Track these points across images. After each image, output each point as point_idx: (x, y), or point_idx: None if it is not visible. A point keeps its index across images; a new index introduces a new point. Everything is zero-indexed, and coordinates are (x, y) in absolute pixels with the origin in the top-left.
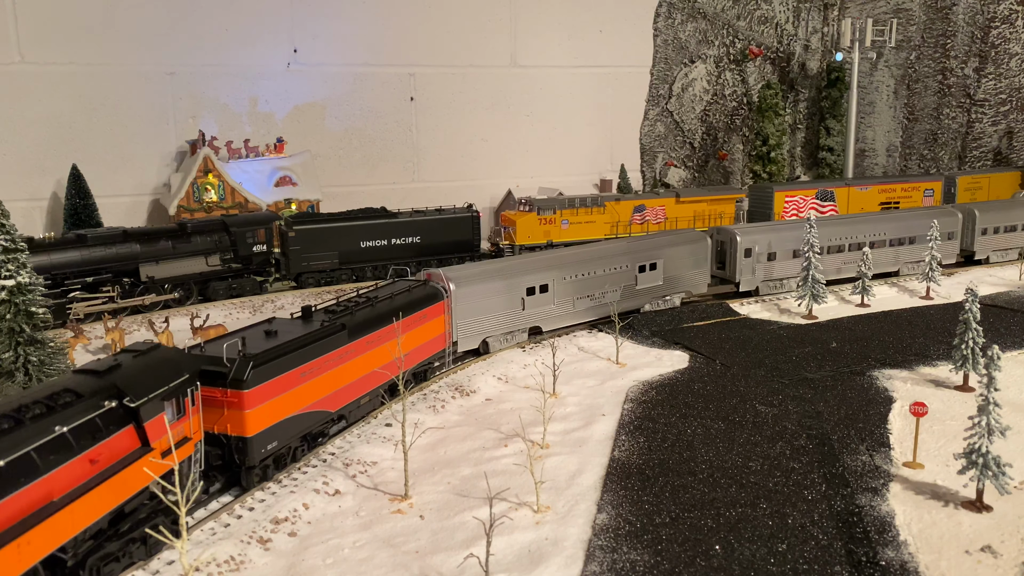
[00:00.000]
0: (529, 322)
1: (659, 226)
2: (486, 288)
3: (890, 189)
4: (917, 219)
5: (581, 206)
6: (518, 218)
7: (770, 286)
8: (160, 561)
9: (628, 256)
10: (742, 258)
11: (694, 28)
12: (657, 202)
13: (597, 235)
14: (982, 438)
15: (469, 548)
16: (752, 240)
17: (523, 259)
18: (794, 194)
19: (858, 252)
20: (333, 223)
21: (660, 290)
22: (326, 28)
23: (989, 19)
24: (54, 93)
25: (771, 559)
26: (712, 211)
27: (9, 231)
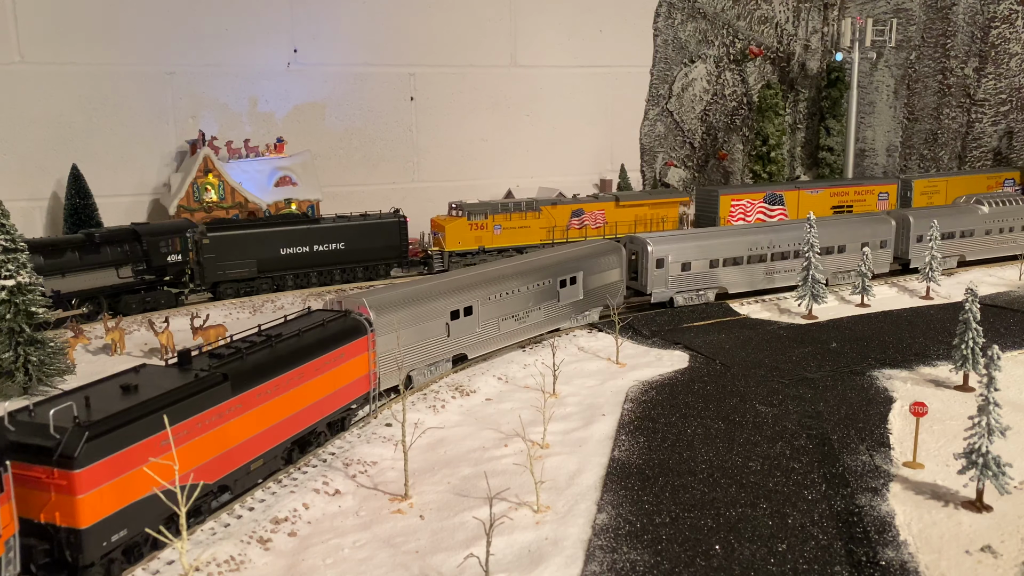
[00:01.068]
0: (454, 349)
1: (598, 231)
2: (410, 314)
3: (842, 192)
4: (847, 226)
5: (515, 211)
6: (447, 224)
7: (686, 297)
8: (160, 561)
9: (549, 270)
10: (654, 268)
11: (694, 28)
12: (596, 206)
13: (532, 241)
14: (982, 438)
15: (469, 548)
16: (664, 250)
17: (445, 279)
18: (740, 198)
19: (792, 261)
20: (250, 229)
21: (580, 306)
22: (326, 28)
23: (989, 19)
24: (54, 93)
25: (771, 559)
26: (654, 215)
27: (9, 231)
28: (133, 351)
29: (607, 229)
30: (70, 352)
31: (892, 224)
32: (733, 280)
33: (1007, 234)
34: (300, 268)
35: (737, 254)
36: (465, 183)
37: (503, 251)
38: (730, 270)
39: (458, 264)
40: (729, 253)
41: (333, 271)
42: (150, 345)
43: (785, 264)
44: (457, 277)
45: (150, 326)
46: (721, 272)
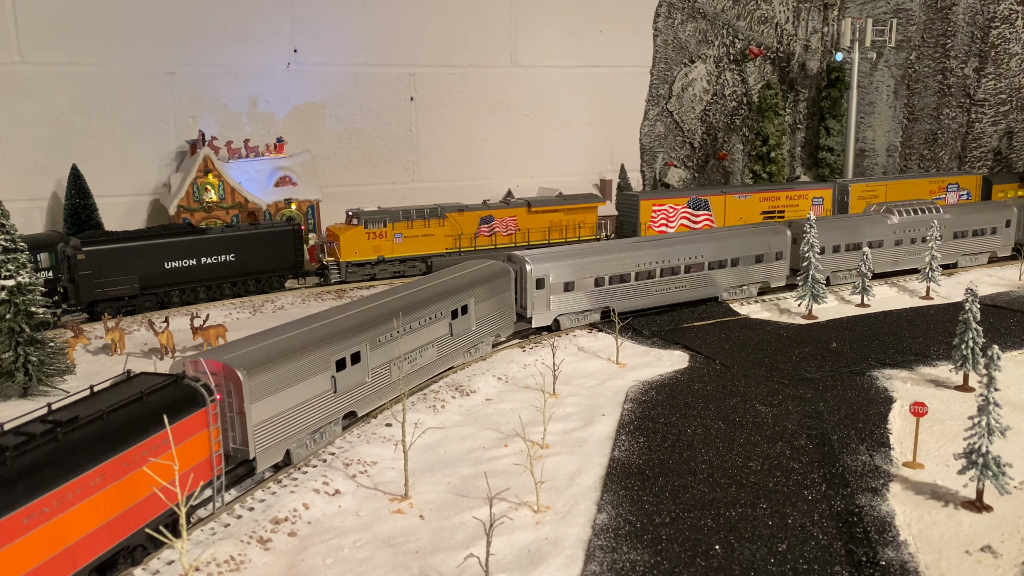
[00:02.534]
0: (343, 407)
1: (509, 238)
2: (290, 371)
3: (773, 197)
4: (740, 238)
5: (417, 218)
6: (342, 232)
7: (572, 320)
8: (160, 561)
9: (441, 300)
10: (534, 290)
11: (694, 28)
12: (507, 212)
13: (437, 249)
14: (982, 438)
15: (469, 548)
16: (545, 269)
17: (321, 321)
18: (663, 203)
19: (683, 276)
20: (130, 242)
21: (472, 337)
22: (326, 28)
23: (989, 19)
24: (54, 93)
25: (771, 559)
26: (570, 221)
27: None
28: (133, 351)
29: (519, 236)
30: (70, 352)
31: (788, 235)
32: (620, 299)
33: (919, 245)
34: (187, 283)
35: (624, 271)
36: (465, 183)
37: (405, 260)
38: (617, 288)
39: (355, 275)
40: (616, 270)
41: (223, 285)
42: (150, 345)
43: (676, 280)
44: (337, 317)
45: (150, 326)
46: (607, 291)
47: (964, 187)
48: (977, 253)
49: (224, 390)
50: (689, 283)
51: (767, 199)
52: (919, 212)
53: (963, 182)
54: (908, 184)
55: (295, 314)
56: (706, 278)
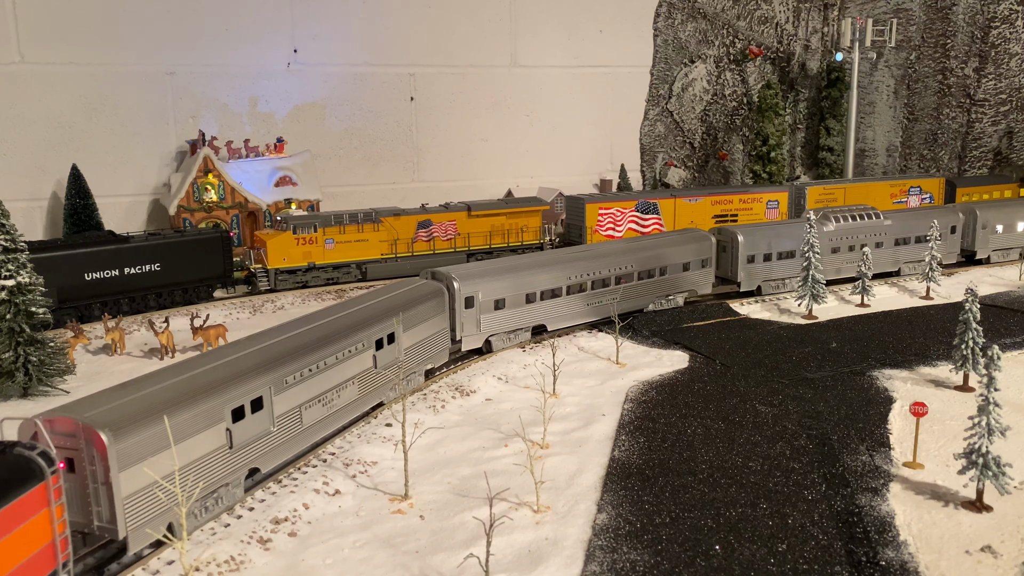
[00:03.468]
0: (243, 465)
1: (448, 243)
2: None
3: (725, 200)
4: (667, 247)
5: (350, 222)
6: (269, 238)
7: (503, 340)
8: (160, 561)
9: (363, 329)
10: (463, 309)
11: (694, 28)
12: (446, 216)
13: (371, 255)
14: (982, 438)
15: (469, 548)
16: (474, 287)
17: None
18: (609, 206)
19: (613, 289)
20: (45, 252)
21: (401, 369)
22: (326, 28)
23: (989, 19)
24: (54, 93)
25: (771, 559)
26: (512, 226)
27: (9, 231)
28: (133, 351)
29: (459, 241)
30: (70, 352)
31: (713, 242)
32: (552, 314)
33: (858, 252)
34: (109, 295)
35: (556, 285)
36: (465, 183)
37: (339, 267)
38: (548, 304)
39: (286, 282)
40: (547, 284)
41: (148, 296)
42: (150, 345)
43: (607, 292)
44: (233, 356)
45: (150, 326)
46: (539, 307)
47: (927, 190)
48: (920, 260)
49: (85, 456)
50: (620, 295)
51: (719, 202)
52: (858, 218)
53: (925, 185)
54: (868, 187)
55: (295, 314)
56: (636, 289)
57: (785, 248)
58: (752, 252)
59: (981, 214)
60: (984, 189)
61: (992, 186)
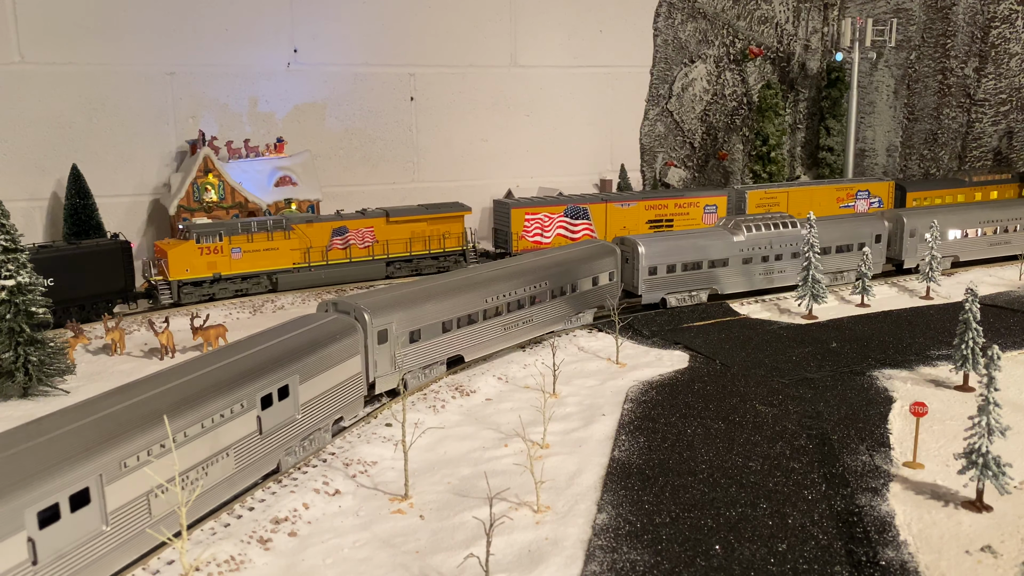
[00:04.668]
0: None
1: (366, 251)
2: None
3: (660, 205)
4: (577, 262)
5: (258, 230)
6: (170, 248)
7: (418, 376)
8: (160, 561)
9: (244, 384)
10: (375, 345)
11: (694, 28)
12: (363, 223)
13: (283, 264)
14: (982, 438)
15: (469, 548)
16: (386, 318)
17: (28, 441)
18: (537, 211)
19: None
20: None
21: (296, 429)
22: (326, 28)
23: (989, 19)
24: (54, 93)
25: (771, 559)
26: (434, 232)
27: (9, 231)
28: (133, 351)
29: (377, 249)
30: (70, 352)
31: (618, 253)
32: (469, 343)
33: (772, 263)
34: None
35: (473, 309)
36: (465, 183)
37: (247, 278)
38: (466, 332)
39: (191, 295)
40: (465, 309)
41: None
42: (150, 345)
43: (522, 315)
44: (50, 435)
45: (150, 326)
46: (456, 336)
47: (876, 194)
48: (841, 271)
49: None
50: (535, 317)
51: (653, 207)
52: (772, 227)
53: (874, 189)
54: (813, 191)
55: (294, 314)
56: (550, 309)
57: (690, 259)
58: (654, 263)
59: (908, 222)
60: (937, 193)
61: (945, 190)
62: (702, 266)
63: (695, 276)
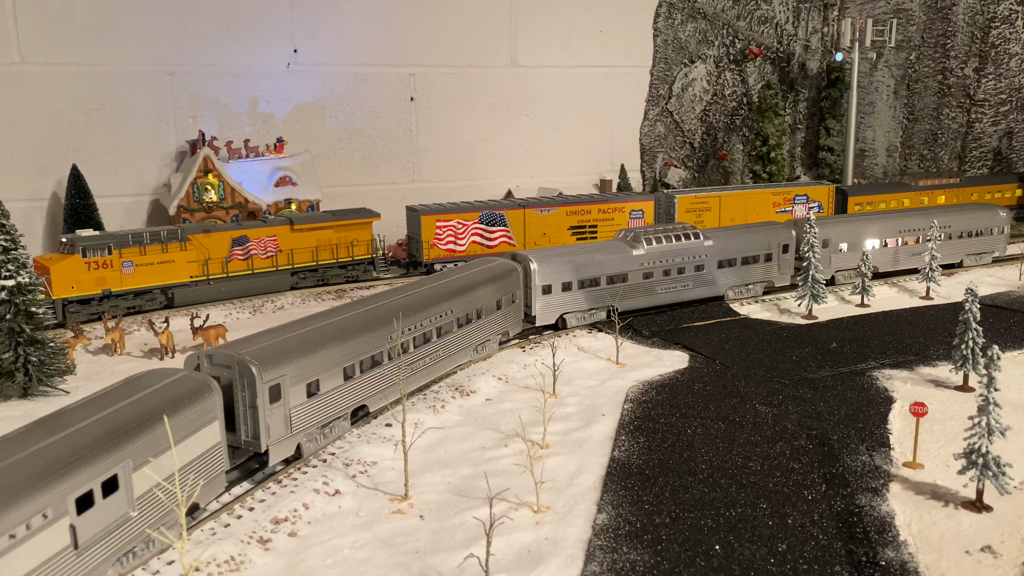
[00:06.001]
0: None
1: (269, 261)
2: None
3: (583, 211)
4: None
5: (152, 242)
6: (53, 263)
7: (316, 440)
8: (160, 561)
9: (49, 485)
10: (266, 404)
11: (694, 28)
12: (266, 231)
13: (180, 278)
14: (982, 438)
15: (469, 548)
16: (278, 369)
17: None
18: (449, 218)
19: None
20: None
21: (128, 533)
22: (326, 28)
23: (989, 19)
24: (54, 93)
25: (771, 559)
26: (341, 239)
27: (9, 231)
28: (133, 351)
29: (281, 259)
30: (70, 352)
31: (520, 273)
32: (373, 389)
33: (674, 277)
34: None
35: (377, 349)
36: (465, 183)
37: (141, 293)
38: (372, 376)
39: (78, 314)
40: (367, 350)
41: None
42: (150, 345)
43: (429, 349)
44: None
45: (150, 326)
46: (359, 384)
47: (815, 199)
48: (747, 284)
49: None
50: (443, 351)
51: (575, 212)
52: (673, 239)
53: (813, 193)
54: (747, 196)
55: (295, 314)
56: (456, 341)
57: (587, 275)
58: (548, 281)
59: (821, 231)
60: (881, 198)
61: (889, 195)
62: (600, 282)
63: (593, 294)
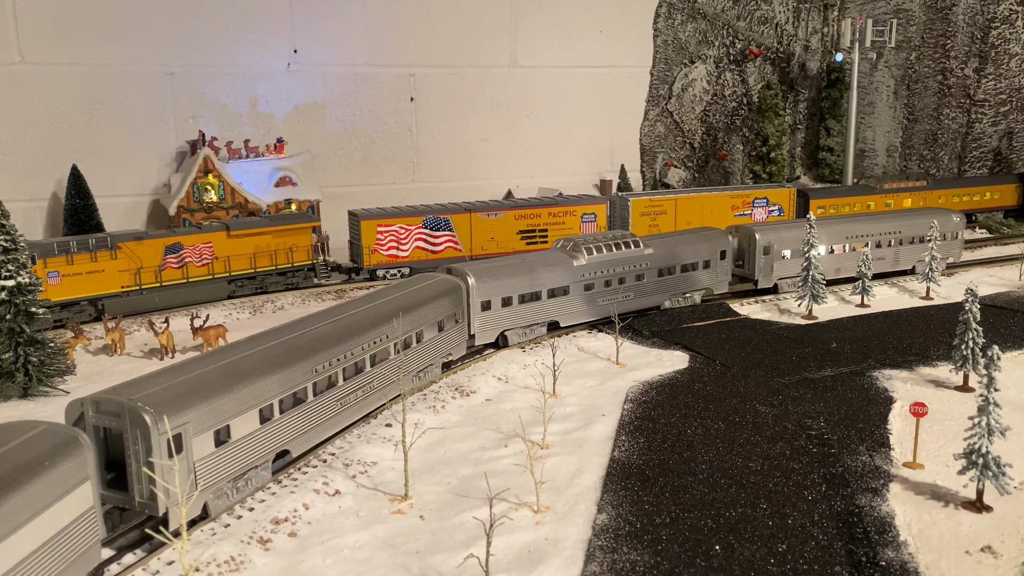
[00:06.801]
0: None
1: (205, 269)
2: None
3: (532, 215)
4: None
5: (80, 250)
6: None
7: (230, 495)
8: (160, 561)
9: None
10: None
11: (694, 28)
12: (200, 238)
13: (110, 288)
14: (982, 438)
15: (469, 548)
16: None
17: None
18: (391, 223)
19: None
20: None
21: None
22: (326, 28)
23: (989, 19)
24: (54, 93)
25: (771, 559)
26: (280, 245)
27: (9, 231)
28: (133, 351)
29: (217, 266)
30: (70, 352)
31: (462, 291)
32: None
33: (615, 288)
34: None
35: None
36: (465, 183)
37: (68, 305)
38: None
39: None
40: (290, 386)
41: None
42: (150, 345)
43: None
44: None
45: (150, 326)
46: (279, 425)
47: (775, 202)
48: (686, 292)
49: None
50: (376, 381)
51: (524, 216)
52: (614, 248)
53: (774, 196)
54: (704, 199)
55: (295, 314)
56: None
57: (528, 289)
58: (487, 297)
59: (761, 238)
60: (844, 201)
61: (853, 198)
62: (541, 296)
63: (534, 308)
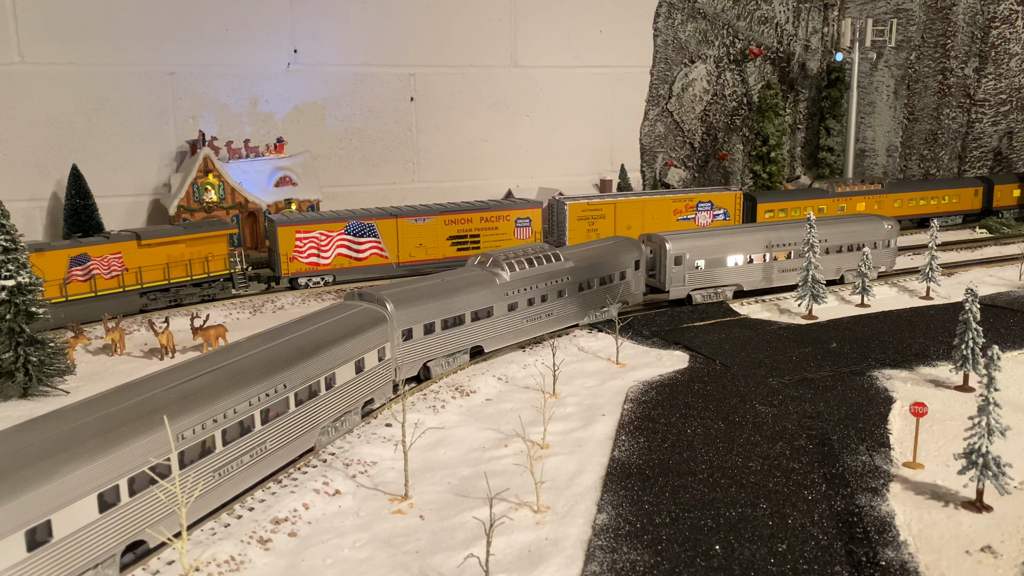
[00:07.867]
0: None
1: (114, 281)
2: None
3: (463, 220)
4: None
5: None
6: None
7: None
8: (160, 561)
9: None
10: None
11: (694, 28)
12: (108, 248)
13: None
14: (982, 438)
15: (469, 548)
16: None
17: None
18: (310, 229)
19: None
20: None
21: None
22: (326, 28)
23: (989, 19)
24: (54, 93)
25: (771, 559)
26: (194, 255)
27: (9, 231)
28: (133, 351)
29: (128, 278)
30: (70, 352)
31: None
32: (153, 517)
33: (539, 306)
34: None
35: (154, 458)
36: (465, 183)
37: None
38: (144, 501)
39: None
40: (138, 460)
41: None
42: (150, 345)
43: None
44: None
45: (150, 326)
46: (127, 511)
47: (720, 205)
48: (603, 306)
49: None
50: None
51: (454, 222)
52: (536, 263)
53: (718, 200)
54: (645, 203)
55: (295, 314)
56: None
57: (451, 313)
58: (408, 324)
59: (672, 247)
60: (793, 204)
61: (803, 201)
62: (465, 320)
63: (457, 335)
